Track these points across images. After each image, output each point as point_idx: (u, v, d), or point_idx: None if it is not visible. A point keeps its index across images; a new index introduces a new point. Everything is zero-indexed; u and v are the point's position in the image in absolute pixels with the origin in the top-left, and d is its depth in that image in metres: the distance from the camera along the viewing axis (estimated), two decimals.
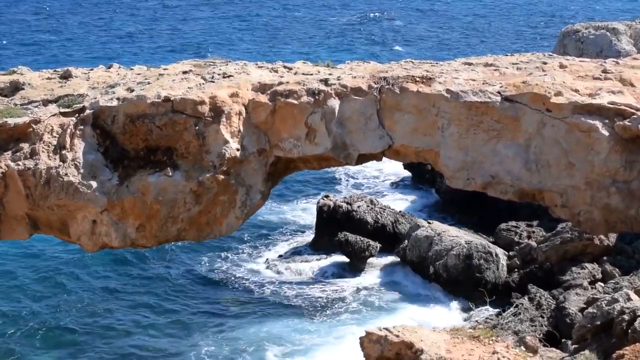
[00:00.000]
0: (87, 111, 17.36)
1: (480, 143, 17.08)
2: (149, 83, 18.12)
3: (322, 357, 34.31)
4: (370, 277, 42.12)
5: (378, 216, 44.85)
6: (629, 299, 21.00)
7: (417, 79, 17.52)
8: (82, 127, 17.28)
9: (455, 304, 38.15)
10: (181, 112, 17.21)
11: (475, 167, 17.22)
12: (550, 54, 21.87)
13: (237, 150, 17.38)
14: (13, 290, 39.93)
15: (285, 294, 40.16)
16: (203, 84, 17.88)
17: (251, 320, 37.44)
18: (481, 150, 17.10)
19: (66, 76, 19.50)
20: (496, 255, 38.92)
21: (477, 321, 33.77)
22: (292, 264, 43.59)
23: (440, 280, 39.22)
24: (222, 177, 17.38)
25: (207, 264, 43.36)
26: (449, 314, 37.39)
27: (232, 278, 41.80)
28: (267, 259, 44.08)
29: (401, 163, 49.86)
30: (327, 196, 47.40)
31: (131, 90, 17.82)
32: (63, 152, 17.10)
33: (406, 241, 42.00)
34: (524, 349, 17.24)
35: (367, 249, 42.80)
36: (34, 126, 17.16)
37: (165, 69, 19.49)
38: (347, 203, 45.69)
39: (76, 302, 39.20)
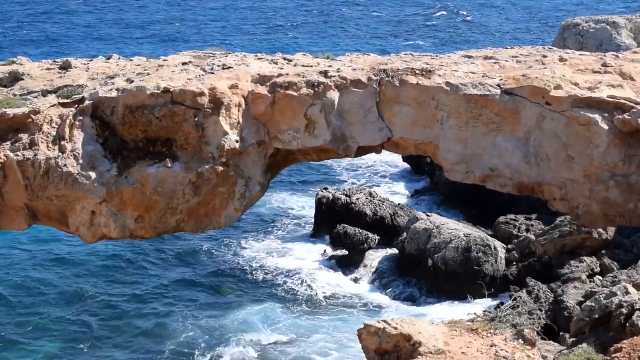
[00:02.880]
0: (87, 102, 17.36)
1: (480, 136, 17.09)
2: (148, 74, 18.12)
3: (319, 349, 34.36)
4: (369, 269, 42.14)
5: (377, 208, 44.87)
6: (627, 293, 21.05)
7: (417, 72, 17.52)
8: (81, 117, 17.28)
9: (453, 297, 38.15)
10: (180, 103, 17.22)
11: (475, 160, 17.23)
12: (550, 47, 21.88)
13: (236, 141, 17.39)
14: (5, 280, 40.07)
15: (283, 286, 40.18)
16: (202, 75, 17.88)
17: (248, 311, 37.47)
18: (480, 143, 17.11)
19: (65, 67, 19.50)
20: (495, 248, 38.94)
21: (475, 314, 33.74)
22: (290, 255, 43.63)
23: (439, 273, 39.21)
24: (221, 168, 17.40)
25: (205, 255, 43.39)
26: (447, 307, 37.42)
27: (230, 269, 41.83)
28: (265, 250, 44.11)
29: (400, 155, 49.89)
30: (325, 188, 47.41)
31: (130, 81, 17.82)
32: (62, 142, 17.10)
33: (405, 233, 41.99)
34: (522, 342, 17.27)
35: (365, 241, 42.83)
36: (33, 117, 17.15)
37: (164, 60, 19.48)
38: (346, 195, 45.71)
39: (67, 288, 39.29)
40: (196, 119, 17.19)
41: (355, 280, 41.14)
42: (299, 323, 36.47)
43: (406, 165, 56.37)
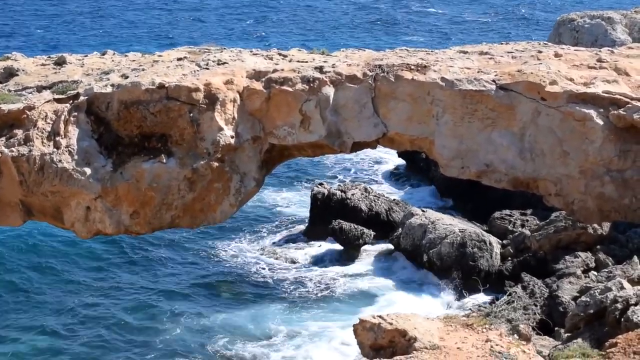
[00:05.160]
0: (82, 97, 17.34)
1: (475, 131, 17.11)
2: (143, 70, 18.10)
3: (314, 344, 34.38)
4: (364, 265, 42.12)
5: (372, 204, 44.82)
6: (622, 288, 21.07)
7: (412, 67, 17.53)
8: (76, 113, 17.27)
9: (448, 292, 38.17)
10: (175, 99, 17.21)
11: (470, 155, 17.25)
12: (546, 42, 21.91)
13: (232, 137, 17.39)
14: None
15: (279, 281, 40.15)
16: (197, 70, 17.87)
17: (243, 307, 37.44)
18: (476, 138, 17.13)
19: (60, 62, 19.47)
20: (490, 243, 38.92)
21: (470, 309, 33.79)
22: (285, 251, 43.57)
23: (434, 268, 39.19)
24: (216, 164, 17.39)
25: (200, 251, 43.35)
26: (442, 302, 37.44)
27: (225, 265, 41.78)
28: (260, 247, 44.08)
29: (396, 151, 49.86)
30: (321, 184, 47.34)
31: (125, 76, 17.80)
32: (57, 138, 17.09)
33: (400, 229, 41.97)
34: (517, 337, 17.25)
35: (361, 237, 42.79)
36: (28, 112, 17.13)
37: (159, 56, 19.47)
38: (341, 191, 45.65)
39: (63, 283, 39.22)
40: (191, 114, 17.19)
41: (350, 275, 41.11)
42: (294, 319, 36.45)
43: (401, 161, 56.33)
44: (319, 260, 42.59)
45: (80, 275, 40.34)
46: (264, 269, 41.55)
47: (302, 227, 46.39)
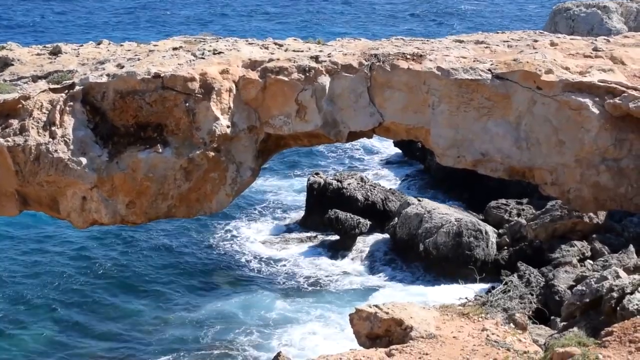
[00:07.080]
0: (77, 87, 17.32)
1: (471, 121, 17.11)
2: (139, 59, 18.08)
3: (310, 334, 34.41)
4: (360, 254, 42.17)
5: (368, 194, 44.82)
6: (618, 277, 21.09)
7: (408, 56, 17.53)
8: (71, 103, 17.25)
9: (444, 282, 38.21)
10: (171, 89, 17.20)
11: (466, 144, 17.26)
12: (541, 31, 21.92)
13: (228, 127, 17.39)
14: None
15: (274, 271, 40.16)
16: (193, 60, 17.85)
17: (238, 297, 37.40)
18: (472, 128, 17.13)
19: (56, 52, 19.44)
20: (486, 232, 38.95)
21: (466, 298, 33.75)
22: (281, 240, 43.57)
23: (430, 258, 39.21)
24: (212, 153, 17.39)
25: (196, 241, 43.31)
26: (438, 291, 37.46)
27: (221, 255, 41.78)
28: (256, 236, 44.08)
29: (392, 140, 49.86)
30: (317, 173, 47.30)
31: (121, 66, 17.78)
32: (53, 128, 17.07)
33: (396, 219, 41.97)
34: (513, 326, 17.29)
35: (357, 227, 42.78)
36: (24, 102, 17.11)
37: (155, 45, 19.46)
38: (338, 180, 45.63)
39: (60, 274, 39.09)
40: (187, 104, 17.18)
41: (347, 265, 41.14)
42: (289, 308, 36.44)
43: (397, 150, 56.32)
44: (314, 250, 42.60)
45: (71, 265, 40.21)
46: (259, 258, 41.54)
47: (298, 216, 46.40)
